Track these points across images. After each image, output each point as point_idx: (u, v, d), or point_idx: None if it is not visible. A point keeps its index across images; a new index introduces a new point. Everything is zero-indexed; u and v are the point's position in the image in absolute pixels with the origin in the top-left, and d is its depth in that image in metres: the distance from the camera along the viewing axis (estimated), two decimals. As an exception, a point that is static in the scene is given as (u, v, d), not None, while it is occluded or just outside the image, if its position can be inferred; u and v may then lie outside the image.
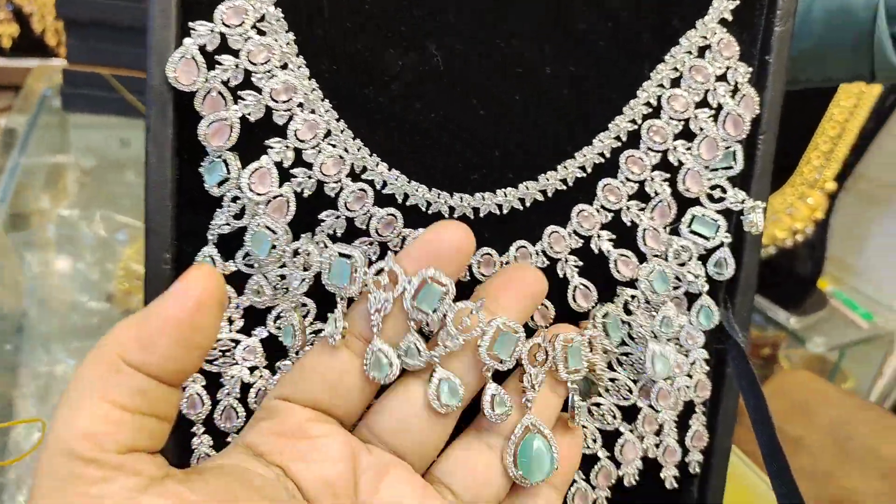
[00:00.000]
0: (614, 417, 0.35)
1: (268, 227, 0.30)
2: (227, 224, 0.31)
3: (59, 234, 0.84)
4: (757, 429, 0.34)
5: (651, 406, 0.36)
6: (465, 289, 0.33)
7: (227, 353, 0.33)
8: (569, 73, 0.34)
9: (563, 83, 0.34)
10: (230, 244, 0.32)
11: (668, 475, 0.37)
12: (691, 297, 0.36)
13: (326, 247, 0.31)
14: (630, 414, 0.36)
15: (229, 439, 0.34)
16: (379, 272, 0.30)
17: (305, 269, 0.31)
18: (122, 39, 0.99)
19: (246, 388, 0.33)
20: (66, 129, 1.12)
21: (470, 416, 0.32)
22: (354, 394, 0.30)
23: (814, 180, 0.97)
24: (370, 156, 0.32)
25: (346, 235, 0.32)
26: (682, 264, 0.35)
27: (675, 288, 0.35)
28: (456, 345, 0.30)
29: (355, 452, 0.30)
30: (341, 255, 0.30)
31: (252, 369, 0.33)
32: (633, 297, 0.34)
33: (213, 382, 0.33)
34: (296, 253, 0.31)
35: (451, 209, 0.33)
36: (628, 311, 0.34)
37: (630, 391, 0.35)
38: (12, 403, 0.68)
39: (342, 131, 0.31)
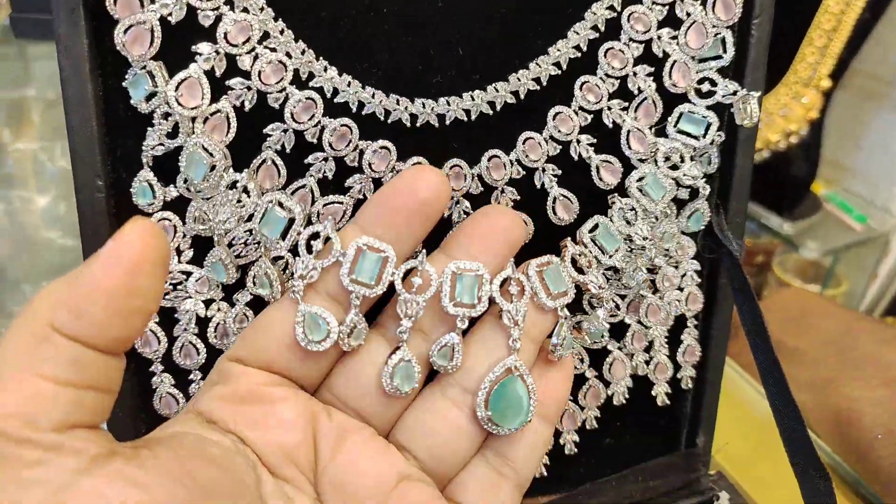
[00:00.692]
0: (602, 336, 0.33)
1: (204, 148, 0.27)
2: (161, 144, 0.28)
3: (21, 169, 0.80)
4: (752, 341, 0.32)
5: (640, 322, 0.33)
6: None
7: (179, 287, 0.30)
8: (539, -43, 0.30)
9: (532, -32, 0.30)
10: (169, 166, 0.28)
11: (660, 392, 0.35)
12: (679, 203, 0.33)
13: (275, 165, 0.28)
14: (618, 331, 0.33)
15: (191, 377, 0.32)
16: (314, 236, 0.27)
17: (239, 205, 0.28)
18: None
19: (204, 322, 0.31)
20: (26, 59, 1.06)
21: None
22: (312, 355, 0.28)
23: (808, 78, 0.93)
24: (316, 60, 0.28)
25: (295, 151, 0.29)
26: (675, 167, 0.31)
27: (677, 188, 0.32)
28: (416, 311, 0.27)
29: (315, 416, 0.28)
30: (280, 204, 0.27)
31: (208, 303, 0.31)
32: (629, 207, 0.31)
33: (168, 318, 0.31)
34: (232, 186, 0.28)
35: (413, 117, 0.30)
36: (628, 222, 0.31)
37: (618, 307, 0.33)
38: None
39: (281, 32, 0.28)
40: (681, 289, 0.34)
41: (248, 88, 0.28)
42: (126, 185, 0.28)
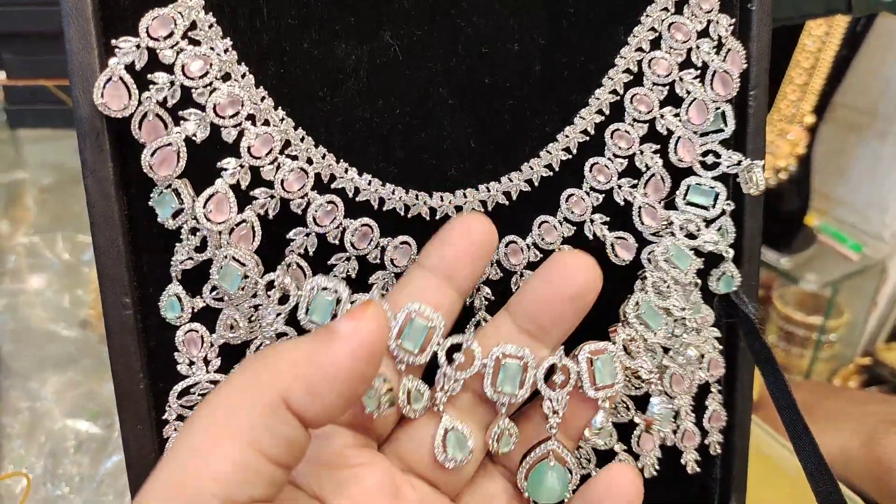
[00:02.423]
0: (628, 409, 0.33)
1: (236, 260, 0.27)
2: (190, 258, 0.28)
3: (25, 263, 0.80)
4: (778, 404, 0.32)
5: (665, 392, 0.34)
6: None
7: (207, 395, 0.30)
8: (538, 47, 0.31)
9: (533, 58, 0.31)
10: (195, 278, 0.29)
11: (689, 460, 0.35)
12: (701, 272, 0.33)
13: (304, 274, 0.29)
14: (644, 403, 0.34)
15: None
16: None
17: (282, 303, 0.28)
18: (61, 48, 0.93)
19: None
20: (18, 144, 1.07)
21: None
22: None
23: (792, 115, 0.95)
24: (337, 163, 0.29)
25: (318, 253, 0.30)
26: (691, 236, 0.32)
27: (697, 258, 0.32)
28: (454, 388, 0.28)
29: (398, 486, 0.27)
30: (324, 288, 0.27)
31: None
32: (662, 280, 0.31)
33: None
34: (270, 286, 0.28)
35: (433, 210, 0.30)
36: (661, 294, 0.31)
37: (641, 381, 0.33)
38: (-1, 444, 0.66)
39: (302, 139, 0.29)
40: (702, 356, 0.34)
41: (272, 197, 0.28)
42: (152, 300, 0.29)
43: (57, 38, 0.85)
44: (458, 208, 0.30)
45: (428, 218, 0.30)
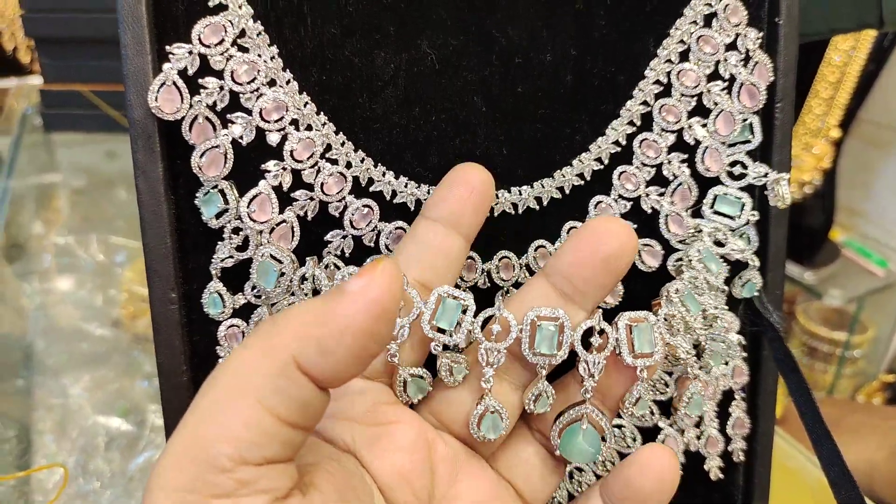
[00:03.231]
0: (652, 414, 0.34)
1: (273, 257, 0.28)
2: (231, 257, 0.29)
3: (58, 262, 0.82)
4: (802, 413, 0.32)
5: (697, 377, 0.34)
6: (485, 295, 0.32)
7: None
8: (570, 58, 0.32)
9: (564, 69, 0.32)
10: (237, 275, 0.30)
11: (713, 466, 0.35)
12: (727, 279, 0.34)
13: (338, 268, 0.30)
14: (668, 408, 0.34)
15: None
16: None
17: (315, 295, 0.29)
18: (96, 54, 0.96)
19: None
20: (51, 147, 1.10)
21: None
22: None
23: (817, 129, 0.94)
24: (375, 167, 0.30)
25: (354, 254, 0.31)
26: (719, 243, 0.33)
27: (725, 264, 0.33)
28: (499, 359, 0.28)
29: (431, 442, 0.27)
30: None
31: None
32: (695, 278, 0.31)
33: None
34: (303, 279, 0.29)
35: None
36: (697, 289, 0.31)
37: (666, 385, 0.34)
38: (30, 440, 0.67)
39: (342, 144, 0.30)
40: (726, 363, 0.35)
41: (311, 199, 0.29)
42: (197, 295, 0.30)
43: (92, 44, 0.87)
44: (490, 209, 0.31)
45: (461, 222, 0.31)
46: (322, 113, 0.29)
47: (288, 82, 0.29)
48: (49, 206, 1.01)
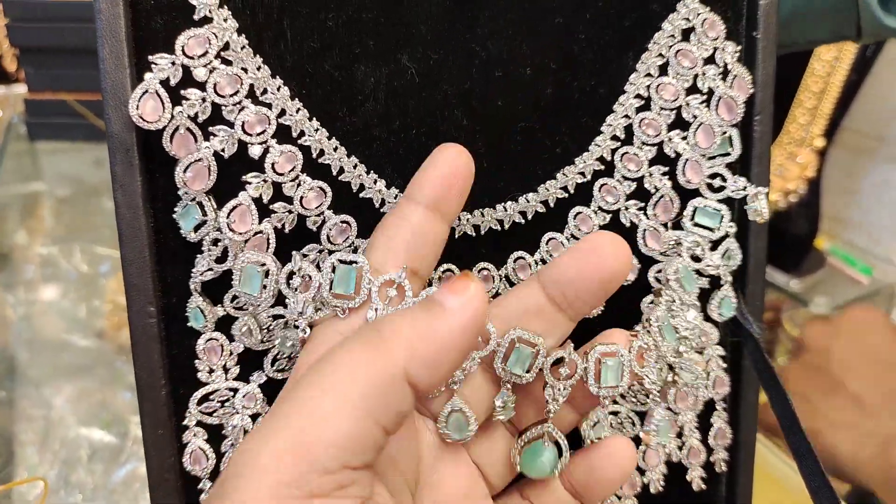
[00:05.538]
0: (633, 424, 0.34)
1: (255, 262, 0.28)
2: (210, 269, 0.29)
3: (42, 273, 0.81)
4: (781, 422, 0.32)
5: (669, 409, 0.34)
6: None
7: (227, 403, 0.31)
8: (550, 71, 0.32)
9: (545, 82, 0.32)
10: (216, 287, 0.30)
11: (695, 476, 0.35)
12: (702, 293, 0.34)
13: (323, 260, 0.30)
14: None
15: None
16: None
17: (305, 290, 0.29)
18: (81, 63, 0.95)
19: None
20: (36, 156, 1.09)
21: None
22: None
23: (801, 138, 0.95)
24: (367, 173, 0.30)
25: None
26: (696, 258, 0.33)
27: (702, 278, 0.33)
28: (471, 367, 0.29)
29: (418, 429, 0.29)
30: (342, 261, 0.28)
31: (255, 417, 0.31)
32: (671, 299, 0.32)
33: (216, 435, 0.31)
34: (290, 276, 0.29)
35: (452, 230, 0.31)
36: (672, 313, 0.32)
37: (647, 395, 0.34)
38: (12, 452, 0.67)
39: (335, 149, 0.30)
40: (707, 373, 0.35)
41: (290, 212, 0.29)
42: (176, 309, 0.30)
43: (77, 54, 0.87)
44: (476, 227, 0.31)
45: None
46: (315, 118, 0.29)
47: (279, 88, 0.29)
48: (33, 215, 1.00)
